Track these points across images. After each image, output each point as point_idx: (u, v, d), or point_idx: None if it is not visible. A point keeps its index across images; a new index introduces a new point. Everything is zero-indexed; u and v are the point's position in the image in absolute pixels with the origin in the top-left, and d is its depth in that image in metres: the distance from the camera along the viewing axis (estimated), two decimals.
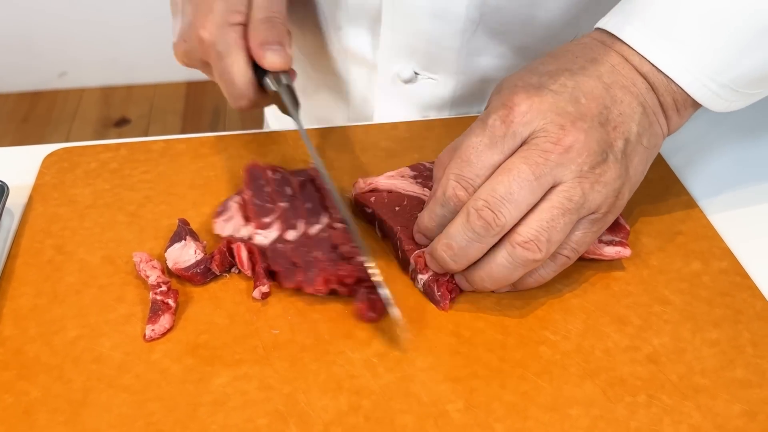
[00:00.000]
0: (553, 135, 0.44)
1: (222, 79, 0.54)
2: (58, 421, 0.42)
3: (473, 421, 0.42)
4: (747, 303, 0.48)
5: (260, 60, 0.53)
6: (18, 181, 0.57)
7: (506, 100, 0.46)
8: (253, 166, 0.56)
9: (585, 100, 0.45)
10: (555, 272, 0.48)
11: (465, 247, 0.45)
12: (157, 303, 0.47)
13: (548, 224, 0.44)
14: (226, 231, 0.52)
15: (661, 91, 0.47)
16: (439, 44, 0.64)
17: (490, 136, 0.45)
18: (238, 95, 0.54)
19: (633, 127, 0.46)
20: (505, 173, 0.44)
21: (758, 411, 0.42)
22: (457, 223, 0.45)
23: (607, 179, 0.45)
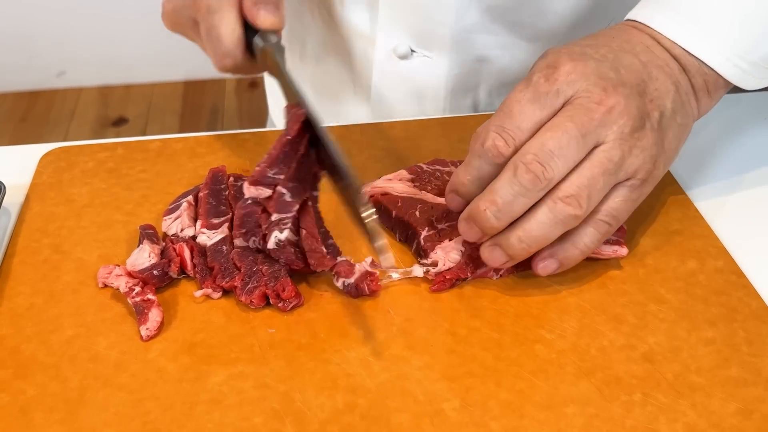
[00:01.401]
0: (597, 96, 0.45)
1: (209, 35, 0.53)
2: (54, 419, 0.42)
3: (469, 420, 0.42)
4: (742, 302, 0.48)
5: (254, 18, 0.52)
6: (15, 180, 0.57)
7: (551, 62, 0.47)
8: (218, 170, 0.56)
9: (624, 71, 0.47)
10: (599, 241, 0.48)
11: (510, 202, 0.45)
12: (138, 304, 0.47)
13: (588, 181, 0.45)
14: (171, 230, 0.52)
15: (693, 73, 0.49)
16: (434, 19, 0.64)
17: (534, 91, 0.46)
18: (224, 53, 0.53)
19: (668, 103, 0.48)
20: (553, 129, 0.45)
21: (753, 409, 0.42)
22: (503, 177, 0.45)
23: (645, 144, 0.46)
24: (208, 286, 0.49)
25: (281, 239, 0.48)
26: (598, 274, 0.50)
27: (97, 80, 2.33)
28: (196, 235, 0.51)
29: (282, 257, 0.48)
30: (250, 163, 0.59)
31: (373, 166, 0.59)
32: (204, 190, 0.54)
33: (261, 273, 0.48)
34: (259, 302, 0.47)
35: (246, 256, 0.49)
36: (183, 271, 0.50)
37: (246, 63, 0.54)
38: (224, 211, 0.53)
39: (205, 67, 2.36)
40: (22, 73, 2.29)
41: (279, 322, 0.47)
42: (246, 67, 0.54)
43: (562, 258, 0.48)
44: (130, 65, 2.30)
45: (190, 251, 0.50)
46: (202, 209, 0.53)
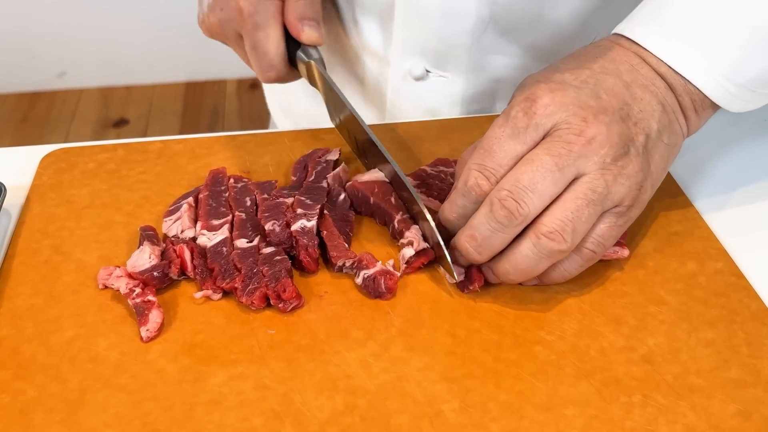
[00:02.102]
0: (576, 127, 0.45)
1: (255, 49, 0.57)
2: (54, 420, 0.42)
3: (468, 421, 0.42)
4: (742, 303, 0.48)
5: (298, 34, 0.56)
6: (15, 181, 0.57)
7: (529, 94, 0.46)
8: (218, 171, 0.56)
9: (606, 96, 0.46)
10: (581, 267, 0.48)
11: (489, 238, 0.45)
12: (138, 306, 0.47)
13: (573, 214, 0.44)
14: (172, 231, 0.52)
15: (679, 92, 0.48)
16: (450, 42, 0.64)
17: (513, 127, 0.46)
18: (269, 66, 0.57)
19: (653, 124, 0.47)
20: (528, 164, 0.45)
21: (753, 411, 0.42)
22: (480, 213, 0.46)
23: (630, 172, 0.45)
24: (209, 287, 0.49)
25: (307, 225, 0.50)
26: (597, 275, 0.50)
27: (98, 81, 2.33)
28: (197, 237, 0.51)
29: (303, 240, 0.49)
30: (250, 165, 0.59)
31: None
32: (204, 191, 0.55)
33: (261, 274, 0.48)
34: (260, 303, 0.47)
35: (246, 257, 0.49)
36: (183, 272, 0.50)
37: (287, 74, 0.59)
38: (224, 213, 0.53)
39: (206, 68, 2.37)
40: (23, 74, 2.29)
41: (279, 323, 0.47)
42: (287, 77, 0.59)
43: (542, 277, 0.48)
44: (130, 66, 2.30)
45: (190, 252, 0.50)
46: (202, 210, 0.53)
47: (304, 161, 0.57)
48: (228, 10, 0.57)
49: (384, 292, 0.48)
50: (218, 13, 0.58)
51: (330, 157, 0.57)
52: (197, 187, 0.56)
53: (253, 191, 0.55)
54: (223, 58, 2.31)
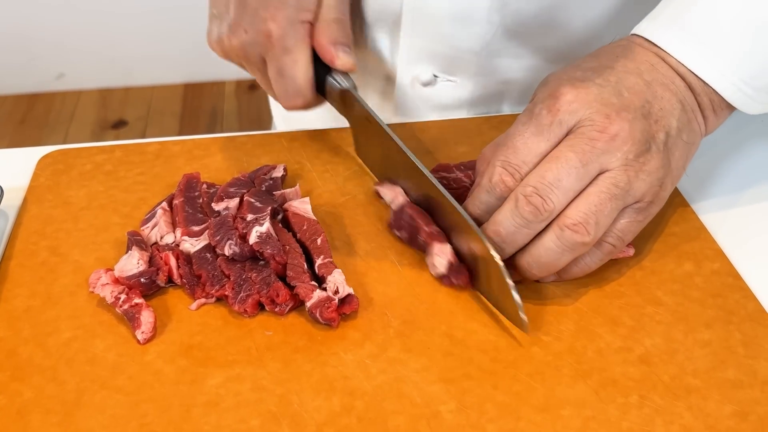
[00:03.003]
0: (599, 124, 0.45)
1: (282, 75, 0.54)
2: (51, 422, 0.42)
3: (466, 422, 0.42)
4: (739, 304, 0.48)
5: (332, 59, 0.54)
6: (13, 182, 0.57)
7: (552, 91, 0.47)
8: (191, 176, 0.56)
9: (627, 93, 0.47)
10: (601, 261, 0.48)
11: (513, 233, 0.46)
12: (127, 311, 0.47)
13: (596, 208, 0.45)
14: (152, 238, 0.52)
15: (698, 92, 0.48)
16: (459, 47, 0.64)
17: (537, 124, 0.46)
18: (296, 93, 0.55)
19: (673, 122, 0.47)
20: (554, 161, 0.45)
21: (749, 411, 0.42)
22: (505, 209, 0.46)
23: (651, 168, 0.46)
24: (200, 296, 0.48)
25: (262, 231, 0.49)
26: (594, 276, 0.50)
27: (97, 83, 2.33)
28: (179, 243, 0.51)
29: (267, 250, 0.48)
30: (248, 166, 0.59)
31: None
32: (179, 197, 0.54)
33: (251, 280, 0.48)
34: (253, 310, 0.47)
35: (234, 264, 0.49)
36: (170, 279, 0.50)
37: (314, 101, 0.56)
38: (202, 219, 0.53)
39: (205, 70, 2.37)
40: (22, 76, 2.29)
41: (276, 324, 0.47)
42: (313, 104, 0.57)
43: (561, 273, 0.48)
44: (129, 68, 2.30)
45: (176, 260, 0.50)
46: (180, 217, 0.52)
47: (250, 178, 0.55)
48: (253, 33, 0.55)
49: (325, 323, 0.47)
50: (242, 35, 0.55)
51: (275, 174, 0.56)
52: (171, 194, 0.55)
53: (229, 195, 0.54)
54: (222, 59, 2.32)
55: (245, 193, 0.52)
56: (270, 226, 0.49)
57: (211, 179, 0.57)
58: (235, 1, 0.56)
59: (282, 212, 0.53)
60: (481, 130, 0.63)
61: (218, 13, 0.58)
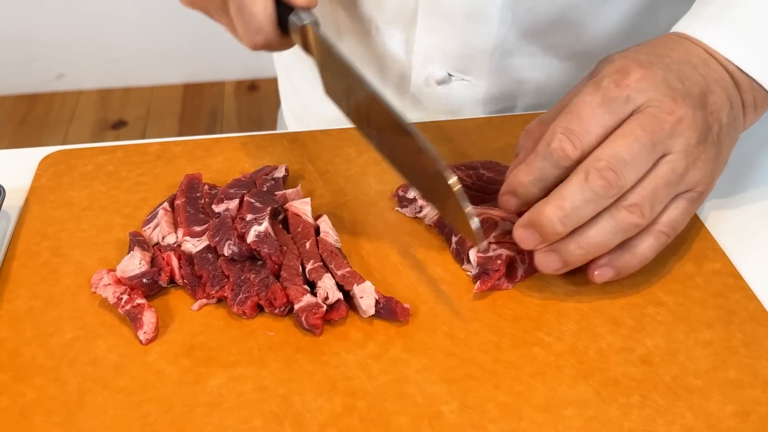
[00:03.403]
0: (667, 106, 0.45)
1: (241, 12, 0.52)
2: (53, 422, 0.42)
3: (467, 422, 0.42)
4: (740, 304, 0.48)
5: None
6: (14, 183, 0.57)
7: (620, 67, 0.47)
8: (193, 176, 0.56)
9: (688, 82, 0.47)
10: (656, 251, 0.48)
11: (579, 208, 0.44)
12: (129, 312, 0.47)
13: (652, 192, 0.45)
14: (154, 238, 0.52)
15: (744, 89, 0.49)
16: (473, 46, 0.64)
17: (604, 96, 0.46)
18: (256, 29, 0.52)
19: (723, 117, 0.48)
20: (625, 137, 0.45)
21: (751, 411, 0.43)
22: (573, 182, 0.45)
23: (707, 158, 0.46)
24: (201, 296, 0.49)
25: (260, 231, 0.49)
26: None
27: (97, 83, 2.33)
28: (181, 243, 0.51)
29: (264, 249, 0.48)
30: (249, 166, 0.59)
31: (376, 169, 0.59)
32: (180, 197, 0.54)
33: (250, 282, 0.48)
34: (252, 312, 0.47)
35: (234, 264, 0.49)
36: (172, 280, 0.50)
37: (278, 40, 0.54)
38: (204, 219, 0.53)
39: (204, 70, 2.37)
40: (22, 76, 2.29)
41: (278, 324, 0.47)
42: (277, 43, 0.54)
43: (620, 267, 0.48)
44: (129, 68, 2.30)
45: (177, 260, 0.50)
46: (181, 217, 0.53)
47: (251, 178, 0.56)
48: None
49: (308, 329, 0.47)
50: None
51: (277, 175, 0.56)
52: (173, 194, 0.55)
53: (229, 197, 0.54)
54: (222, 59, 2.33)
55: (246, 194, 0.53)
56: (269, 226, 0.49)
57: (213, 180, 0.57)
58: None
59: (283, 212, 0.53)
60: (482, 130, 0.63)
61: None
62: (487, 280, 0.48)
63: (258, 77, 2.32)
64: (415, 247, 0.53)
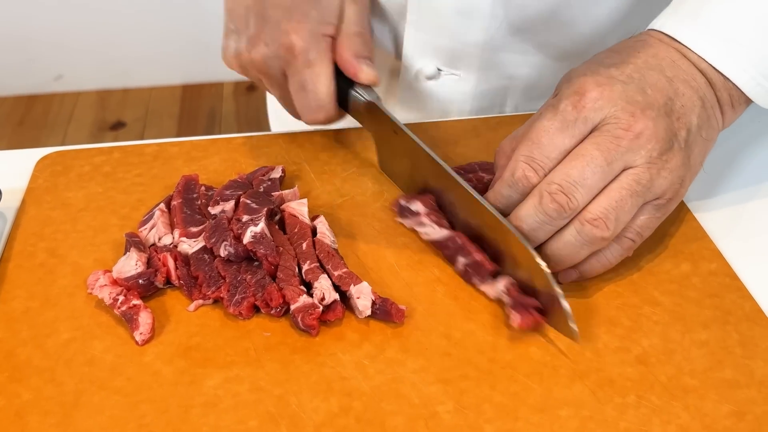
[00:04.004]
0: (624, 122, 0.46)
1: (304, 89, 0.54)
2: (49, 423, 0.42)
3: (463, 423, 0.42)
4: (736, 304, 0.49)
5: (356, 72, 0.54)
6: (11, 184, 0.57)
7: (578, 88, 0.47)
8: (190, 177, 0.56)
9: (651, 91, 0.47)
10: (621, 256, 0.49)
11: (536, 229, 0.46)
12: (125, 313, 0.47)
13: (617, 204, 0.45)
14: (150, 239, 0.52)
15: (718, 87, 0.49)
16: (463, 41, 0.64)
17: (562, 120, 0.47)
18: (318, 107, 0.54)
19: (693, 119, 0.48)
20: (579, 158, 0.45)
21: (746, 411, 0.43)
22: (528, 205, 0.46)
23: (673, 166, 0.46)
24: (197, 297, 0.49)
25: (257, 231, 0.49)
26: (592, 277, 0.50)
27: (95, 84, 2.33)
28: (177, 244, 0.51)
29: (260, 250, 0.48)
30: (246, 167, 0.59)
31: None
32: (177, 198, 0.54)
33: (246, 282, 0.48)
34: (248, 313, 0.47)
35: (230, 265, 0.49)
36: (168, 281, 0.50)
37: (336, 115, 0.56)
38: (200, 220, 0.53)
39: (203, 71, 2.37)
40: (20, 77, 2.29)
41: (274, 325, 0.47)
42: (335, 118, 0.56)
43: (582, 270, 0.49)
44: (127, 69, 2.30)
45: (174, 261, 0.50)
46: (178, 218, 0.53)
47: (248, 179, 0.56)
48: (275, 47, 0.54)
49: (304, 330, 0.47)
50: (262, 49, 0.55)
51: (273, 175, 0.56)
52: (170, 194, 0.55)
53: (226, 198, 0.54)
54: (220, 60, 2.32)
55: (242, 195, 0.53)
56: (265, 227, 0.49)
57: (210, 180, 0.58)
58: (256, 15, 0.55)
59: (279, 213, 0.53)
60: (479, 131, 0.63)
61: (236, 27, 0.57)
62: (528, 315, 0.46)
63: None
64: (411, 248, 0.53)
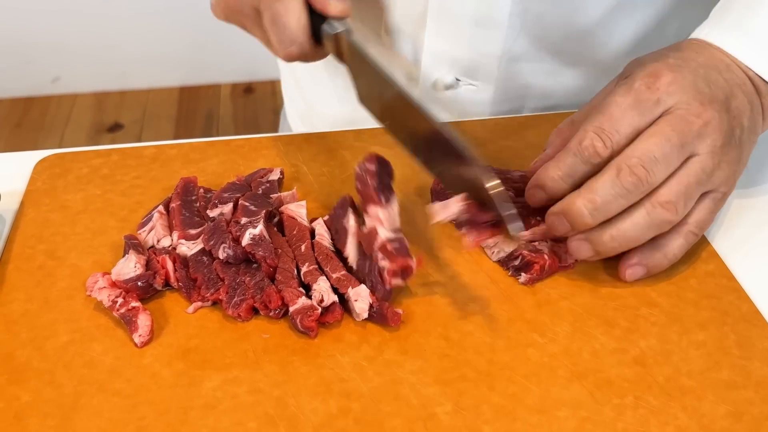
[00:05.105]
0: (695, 109, 0.47)
1: (275, 23, 0.54)
2: (48, 425, 0.42)
3: (462, 424, 0.42)
4: (733, 305, 0.49)
5: (324, 5, 0.53)
6: (10, 186, 0.58)
7: (652, 70, 0.48)
8: (189, 180, 0.56)
9: (713, 87, 0.48)
10: (685, 250, 0.50)
11: (609, 202, 0.46)
12: (124, 315, 0.47)
13: (686, 189, 0.47)
14: (149, 242, 0.52)
15: (764, 93, 0.51)
16: (481, 51, 0.65)
17: (635, 98, 0.47)
18: (291, 40, 0.54)
19: (745, 121, 0.49)
20: (657, 135, 0.46)
21: (743, 412, 0.43)
22: (604, 177, 0.46)
23: (730, 159, 0.48)
24: (196, 299, 0.49)
25: (255, 234, 0.49)
26: (589, 278, 0.50)
27: (92, 86, 2.33)
28: (176, 246, 0.51)
29: (259, 252, 0.48)
30: (244, 169, 0.59)
31: None
32: (176, 200, 0.54)
33: (245, 284, 0.48)
34: (247, 315, 0.47)
35: (229, 267, 0.49)
36: (167, 283, 0.50)
37: (311, 49, 0.55)
38: (199, 222, 0.53)
39: (200, 73, 2.37)
40: (17, 79, 2.28)
41: (273, 327, 0.47)
42: (311, 53, 0.56)
43: (650, 266, 0.49)
44: (125, 71, 2.30)
45: (172, 263, 0.50)
46: (177, 220, 0.53)
47: (246, 181, 0.56)
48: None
49: (303, 332, 0.47)
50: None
51: (272, 177, 0.56)
52: (168, 197, 0.55)
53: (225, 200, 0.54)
54: (217, 62, 2.33)
55: (240, 197, 0.53)
56: (263, 229, 0.49)
57: (208, 183, 0.58)
58: None
59: (278, 215, 0.53)
60: (476, 133, 0.63)
61: None
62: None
63: (254, 80, 2.32)
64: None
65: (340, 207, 0.52)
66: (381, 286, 0.47)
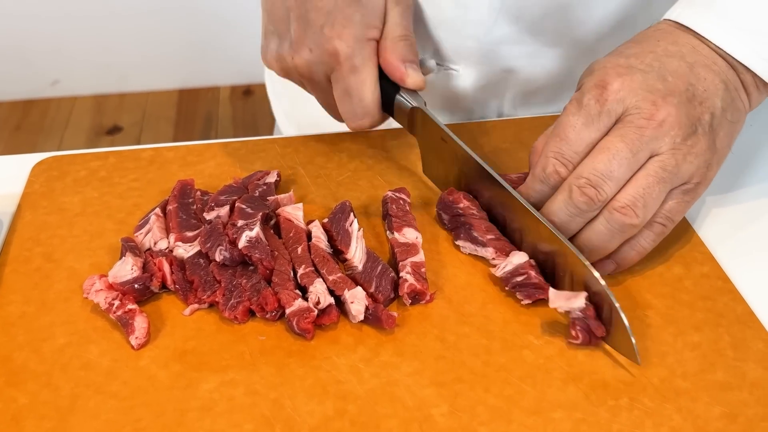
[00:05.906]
0: (646, 111, 0.47)
1: (349, 95, 0.54)
2: (46, 427, 0.42)
3: (458, 425, 0.42)
4: (728, 307, 0.49)
5: (402, 77, 0.54)
6: (7, 189, 0.58)
7: (598, 81, 0.48)
8: (186, 182, 0.56)
9: (672, 78, 0.48)
10: (654, 242, 0.50)
11: (567, 222, 0.48)
12: (121, 317, 0.47)
13: (644, 191, 0.46)
14: (146, 244, 0.52)
15: (740, 70, 0.50)
16: (462, 34, 0.64)
17: (586, 114, 0.48)
18: (364, 113, 0.54)
19: (717, 102, 0.49)
20: (604, 151, 0.47)
21: (738, 413, 0.43)
22: (558, 199, 0.48)
23: (698, 150, 0.47)
24: (193, 301, 0.49)
25: (252, 236, 0.49)
26: None
27: (92, 89, 2.33)
28: (172, 249, 0.51)
29: (255, 254, 0.48)
30: (241, 172, 0.60)
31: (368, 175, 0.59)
32: (172, 203, 0.54)
33: (241, 287, 0.48)
34: (243, 317, 0.48)
35: (225, 270, 0.49)
36: (164, 285, 0.50)
37: (381, 120, 0.56)
38: (196, 225, 0.53)
39: (199, 75, 2.37)
40: (17, 82, 2.29)
41: (269, 329, 0.48)
42: (379, 123, 0.57)
43: (619, 260, 0.50)
44: (124, 74, 2.31)
45: (169, 265, 0.50)
46: (173, 223, 0.53)
47: (243, 184, 0.56)
48: (319, 52, 0.54)
49: (299, 334, 0.47)
50: (306, 54, 0.54)
51: (269, 180, 0.56)
52: (165, 199, 0.56)
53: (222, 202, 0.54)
54: (216, 64, 2.33)
55: (237, 200, 0.53)
56: (260, 231, 0.49)
57: (205, 185, 0.58)
58: (297, 19, 0.55)
59: (275, 218, 0.54)
60: (474, 135, 0.64)
61: (276, 29, 0.57)
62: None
63: (253, 82, 2.32)
64: None
65: (341, 211, 0.53)
66: (389, 291, 0.48)
